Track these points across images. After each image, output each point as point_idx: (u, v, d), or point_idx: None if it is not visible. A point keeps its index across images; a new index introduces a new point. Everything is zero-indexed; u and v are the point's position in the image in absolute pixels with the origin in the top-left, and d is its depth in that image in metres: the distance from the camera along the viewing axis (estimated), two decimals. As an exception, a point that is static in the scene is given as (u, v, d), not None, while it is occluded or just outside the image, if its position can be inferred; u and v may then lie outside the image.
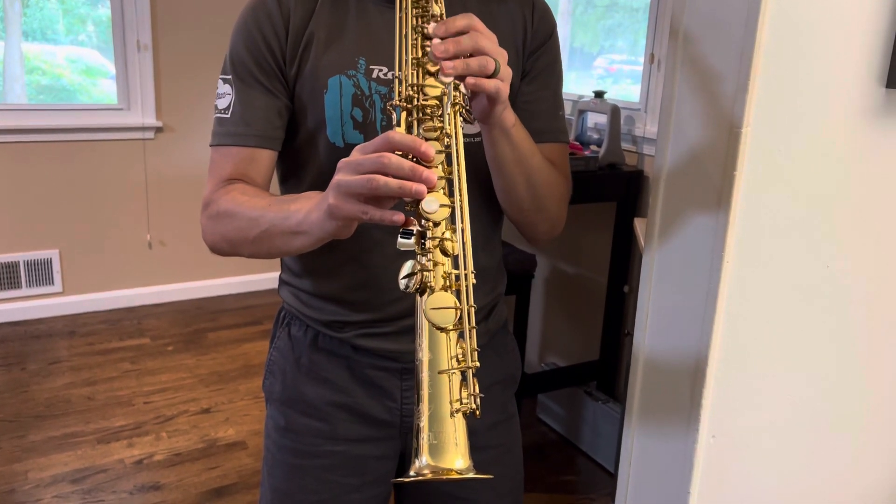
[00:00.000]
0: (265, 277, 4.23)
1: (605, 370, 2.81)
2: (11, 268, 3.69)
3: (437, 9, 0.86)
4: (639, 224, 2.14)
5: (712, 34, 0.86)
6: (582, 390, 2.79)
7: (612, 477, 2.60)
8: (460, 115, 0.82)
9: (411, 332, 1.06)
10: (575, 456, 2.78)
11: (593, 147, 2.74)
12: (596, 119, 2.83)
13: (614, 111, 2.59)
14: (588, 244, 2.90)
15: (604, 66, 3.47)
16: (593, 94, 2.72)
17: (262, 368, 1.21)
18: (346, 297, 1.09)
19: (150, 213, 3.94)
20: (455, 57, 0.82)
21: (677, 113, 0.91)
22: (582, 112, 2.82)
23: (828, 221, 0.93)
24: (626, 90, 3.20)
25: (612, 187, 2.64)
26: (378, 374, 1.11)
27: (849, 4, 0.85)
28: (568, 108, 2.93)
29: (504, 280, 1.22)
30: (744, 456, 0.97)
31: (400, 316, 1.08)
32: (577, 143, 2.74)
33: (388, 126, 1.02)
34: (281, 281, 1.20)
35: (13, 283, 3.70)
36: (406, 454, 1.17)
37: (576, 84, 3.42)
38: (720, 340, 0.89)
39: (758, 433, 0.98)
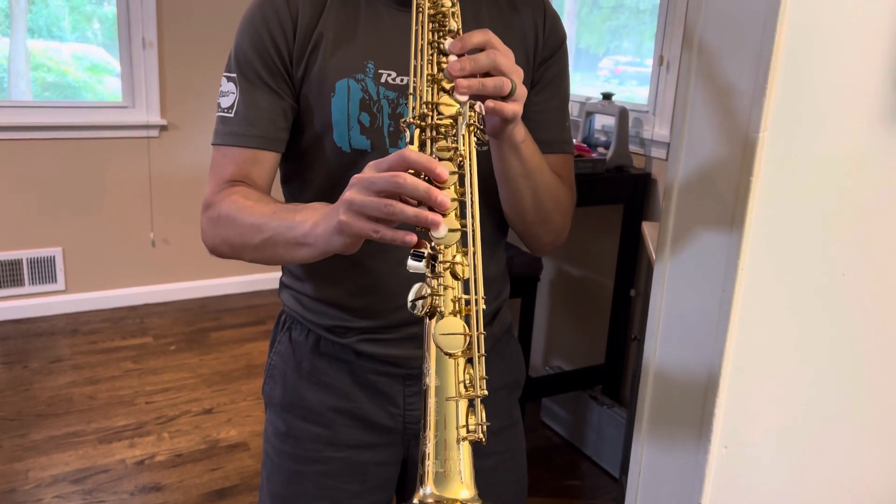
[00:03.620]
0: (269, 277, 4.22)
1: (610, 374, 2.79)
2: (14, 265, 3.68)
3: (454, 24, 0.84)
4: (647, 227, 2.12)
5: (729, 39, 0.84)
6: (587, 394, 2.77)
7: (617, 482, 2.58)
8: (474, 136, 0.81)
9: (415, 338, 1.06)
10: (579, 460, 2.77)
11: (600, 149, 2.73)
12: (603, 121, 2.81)
13: (622, 113, 2.58)
14: (595, 247, 2.88)
15: (609, 67, 3.45)
16: (601, 96, 2.70)
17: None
18: (349, 302, 1.08)
19: (154, 212, 3.93)
20: (471, 75, 0.80)
21: (692, 116, 0.89)
22: (589, 114, 2.81)
23: (844, 229, 0.92)
24: (631, 92, 3.18)
25: (619, 190, 2.62)
26: (381, 379, 1.10)
27: (867, 10, 0.84)
28: (575, 110, 2.92)
29: (508, 286, 1.21)
30: (756, 467, 0.95)
31: (404, 323, 1.06)
32: (585, 146, 2.72)
33: (396, 132, 1.01)
34: (282, 284, 1.18)
35: (16, 280, 3.70)
36: (408, 460, 1.16)
37: (581, 85, 3.41)
38: (734, 349, 0.87)
39: (771, 444, 0.96)
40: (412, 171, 0.76)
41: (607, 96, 2.68)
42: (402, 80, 1.00)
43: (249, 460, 2.66)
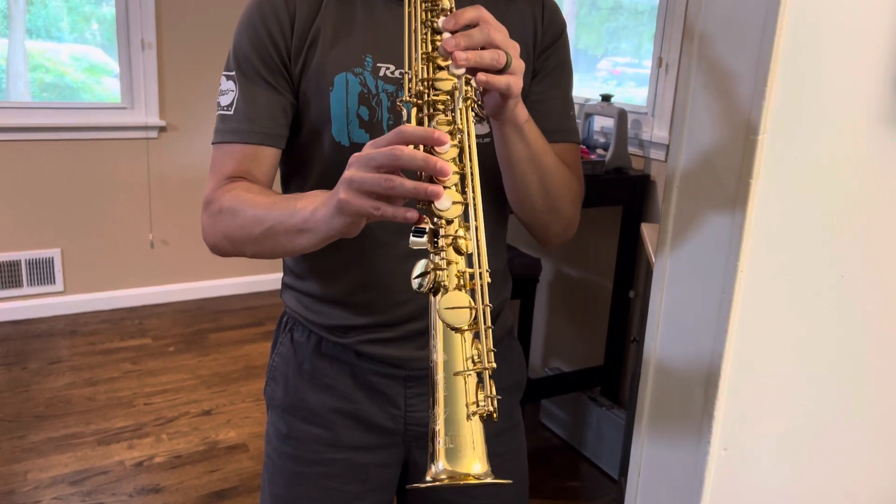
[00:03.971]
0: (268, 278, 4.21)
1: (609, 376, 2.79)
2: (13, 266, 3.68)
3: (447, 3, 0.84)
4: (645, 229, 2.12)
5: (729, 39, 0.84)
6: (586, 396, 2.77)
7: (616, 483, 2.58)
8: (472, 110, 0.80)
9: (416, 337, 1.06)
10: (578, 462, 2.77)
11: (600, 151, 2.73)
12: (602, 123, 2.81)
13: (621, 115, 2.58)
14: (594, 248, 2.88)
15: (608, 68, 3.46)
16: (600, 98, 2.70)
17: (264, 370, 1.19)
18: (351, 299, 1.08)
19: (153, 213, 3.93)
20: (466, 49, 0.80)
21: (692, 118, 0.89)
22: (589, 115, 2.81)
23: (843, 230, 0.92)
24: (629, 93, 3.19)
25: (618, 191, 2.62)
26: (382, 381, 1.10)
27: (867, 9, 0.84)
28: (573, 105, 2.92)
29: (509, 284, 1.21)
30: (756, 468, 0.95)
31: (405, 320, 1.06)
32: (584, 147, 2.73)
33: (396, 125, 1.00)
34: (283, 285, 1.18)
35: (15, 281, 3.69)
36: (409, 462, 1.16)
37: (579, 86, 3.41)
38: (733, 350, 0.87)
39: (771, 445, 0.96)
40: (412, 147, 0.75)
41: (606, 98, 2.68)
42: (400, 73, 1.00)
43: (248, 462, 2.66)
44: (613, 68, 3.44)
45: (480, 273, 0.74)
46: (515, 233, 1.14)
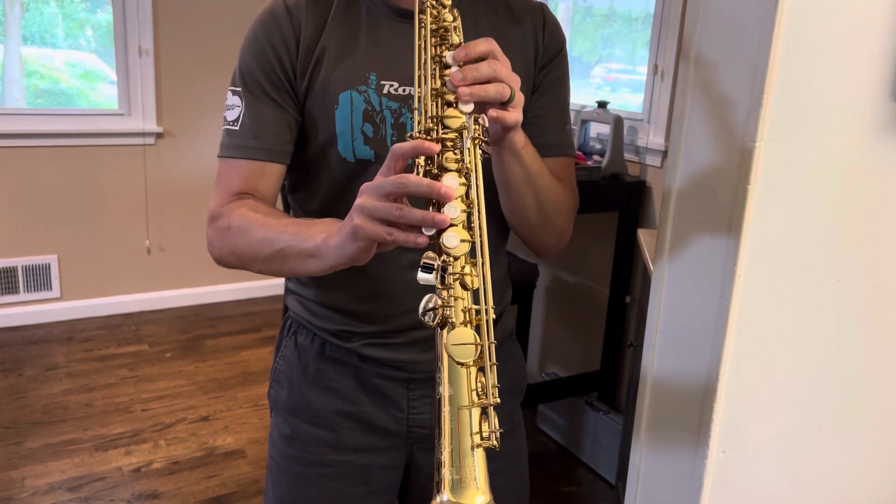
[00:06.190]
0: (265, 284, 4.21)
1: (606, 381, 2.80)
2: (9, 273, 3.67)
3: (456, 38, 0.85)
4: (642, 234, 2.13)
5: (725, 50, 0.85)
6: (583, 401, 2.78)
7: (613, 488, 2.59)
8: (479, 148, 0.82)
9: (420, 342, 1.08)
10: (575, 467, 2.77)
11: (596, 157, 2.74)
12: (599, 129, 2.83)
13: (617, 121, 2.59)
14: (590, 254, 2.90)
15: (602, 74, 3.48)
16: (596, 105, 2.72)
17: (262, 376, 1.21)
18: (354, 308, 1.09)
19: (150, 219, 3.93)
20: (472, 84, 0.82)
21: (689, 127, 0.91)
22: (585, 122, 2.82)
23: (838, 237, 0.93)
24: (623, 99, 3.20)
25: (614, 197, 2.64)
26: (385, 383, 1.11)
27: (861, 20, 0.85)
28: (571, 118, 2.93)
29: (510, 290, 1.23)
30: (753, 471, 0.97)
31: (408, 328, 1.08)
32: (580, 153, 2.74)
33: (399, 141, 1.02)
34: (287, 290, 1.20)
35: (11, 288, 3.69)
36: (411, 464, 1.17)
37: (573, 92, 3.42)
38: (731, 355, 0.89)
39: (768, 448, 0.97)
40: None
41: (602, 104, 2.70)
42: (403, 91, 1.02)
43: (246, 467, 2.66)
44: (607, 74, 3.46)
45: (486, 309, 0.76)
46: (513, 239, 1.16)
